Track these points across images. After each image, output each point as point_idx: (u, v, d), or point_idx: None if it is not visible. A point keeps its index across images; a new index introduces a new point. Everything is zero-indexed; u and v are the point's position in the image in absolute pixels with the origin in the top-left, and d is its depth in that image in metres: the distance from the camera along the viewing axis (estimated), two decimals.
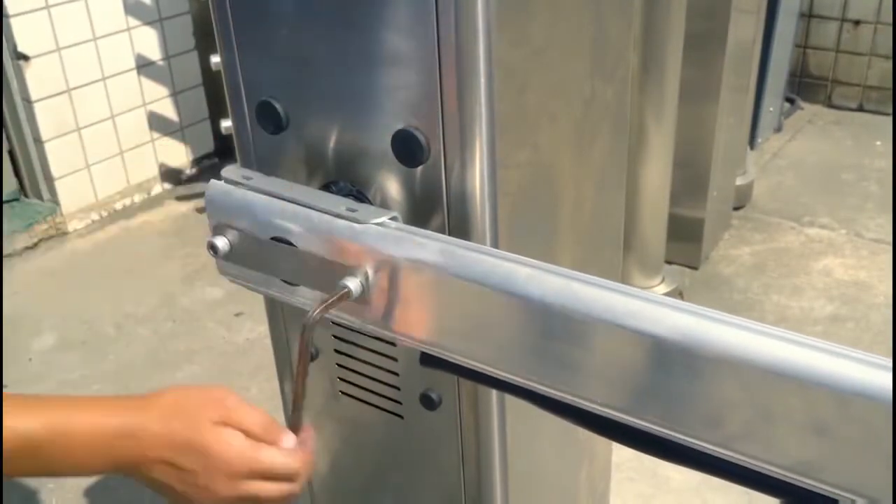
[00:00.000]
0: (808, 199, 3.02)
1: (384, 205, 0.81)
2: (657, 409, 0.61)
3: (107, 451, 0.71)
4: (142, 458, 0.72)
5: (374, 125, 0.78)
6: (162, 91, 3.18)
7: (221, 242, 0.80)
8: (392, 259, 0.71)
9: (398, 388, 0.93)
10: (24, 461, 0.70)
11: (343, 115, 0.80)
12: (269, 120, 0.83)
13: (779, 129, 3.52)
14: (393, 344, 0.89)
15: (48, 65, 2.81)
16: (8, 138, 2.90)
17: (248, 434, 0.72)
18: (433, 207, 0.78)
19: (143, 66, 3.09)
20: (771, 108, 3.38)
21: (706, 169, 2.53)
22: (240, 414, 0.73)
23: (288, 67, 0.81)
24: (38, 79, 2.80)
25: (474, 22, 0.70)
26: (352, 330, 0.90)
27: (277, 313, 0.99)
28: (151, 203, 3.20)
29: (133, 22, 3.02)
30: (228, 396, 0.75)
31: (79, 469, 0.73)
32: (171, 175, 3.30)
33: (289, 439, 0.74)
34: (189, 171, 3.36)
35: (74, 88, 2.90)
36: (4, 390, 0.75)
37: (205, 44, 3.20)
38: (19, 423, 0.69)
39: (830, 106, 3.74)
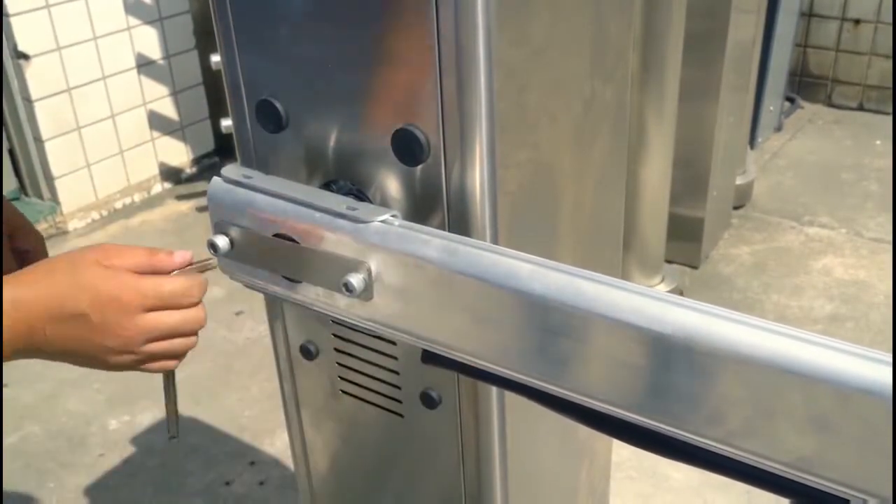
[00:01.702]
0: (808, 199, 3.02)
1: (384, 203, 0.81)
2: (659, 405, 0.61)
3: None
4: (30, 329, 0.64)
5: (374, 124, 0.78)
6: (162, 90, 3.18)
7: (221, 241, 0.81)
8: (395, 255, 0.71)
9: (398, 387, 0.93)
10: None
11: (343, 114, 0.80)
12: (269, 119, 0.83)
13: (779, 129, 3.52)
14: (393, 342, 0.89)
15: (48, 64, 2.82)
16: (8, 137, 2.90)
17: (133, 270, 0.66)
18: (433, 206, 0.78)
19: (144, 65, 3.09)
20: (771, 108, 3.38)
21: (706, 168, 2.54)
22: (121, 253, 0.67)
23: (288, 66, 0.81)
24: (38, 78, 2.80)
25: (474, 21, 0.70)
26: (352, 329, 0.90)
27: (278, 312, 0.99)
28: (151, 202, 3.21)
29: (133, 21, 3.02)
30: (105, 244, 0.69)
31: None
32: (171, 174, 3.30)
33: (177, 256, 0.68)
34: (189, 170, 3.36)
35: (75, 88, 2.91)
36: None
37: (205, 43, 3.21)
38: None
39: (830, 105, 3.75)
